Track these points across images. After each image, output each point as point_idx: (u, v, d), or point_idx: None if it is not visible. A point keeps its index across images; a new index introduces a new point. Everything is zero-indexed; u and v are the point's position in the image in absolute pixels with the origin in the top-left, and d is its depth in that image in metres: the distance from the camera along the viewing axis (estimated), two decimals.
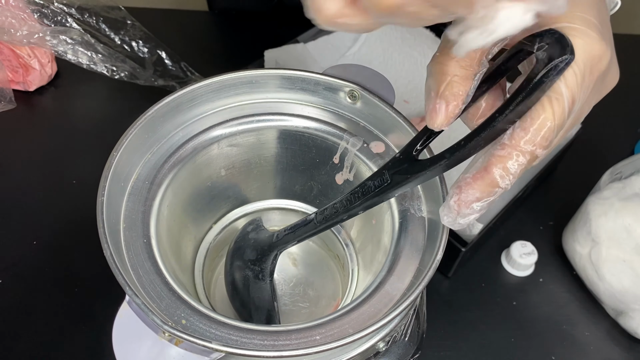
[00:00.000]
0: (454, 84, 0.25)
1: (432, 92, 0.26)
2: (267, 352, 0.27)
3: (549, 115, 0.23)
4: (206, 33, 0.78)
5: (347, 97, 0.39)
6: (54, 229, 0.54)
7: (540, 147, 0.23)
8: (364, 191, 0.31)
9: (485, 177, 0.24)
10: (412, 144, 0.30)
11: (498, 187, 0.24)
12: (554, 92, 0.23)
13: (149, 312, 0.28)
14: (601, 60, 0.24)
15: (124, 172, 0.34)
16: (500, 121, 0.23)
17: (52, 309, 0.49)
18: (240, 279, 0.40)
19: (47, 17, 0.63)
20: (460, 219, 0.26)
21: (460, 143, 0.25)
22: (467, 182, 0.24)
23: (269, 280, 0.39)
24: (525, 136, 0.23)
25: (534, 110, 0.23)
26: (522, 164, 0.24)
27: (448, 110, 0.25)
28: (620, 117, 0.70)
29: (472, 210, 0.25)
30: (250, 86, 0.39)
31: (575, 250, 0.52)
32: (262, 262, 0.39)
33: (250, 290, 0.39)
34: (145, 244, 0.33)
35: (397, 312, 0.29)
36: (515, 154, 0.23)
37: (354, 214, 0.32)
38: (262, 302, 0.39)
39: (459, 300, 0.52)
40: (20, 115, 0.63)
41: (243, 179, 0.43)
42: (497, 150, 0.24)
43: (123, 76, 0.64)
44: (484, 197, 0.24)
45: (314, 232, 0.35)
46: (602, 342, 0.50)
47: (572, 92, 0.23)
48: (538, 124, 0.23)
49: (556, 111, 0.23)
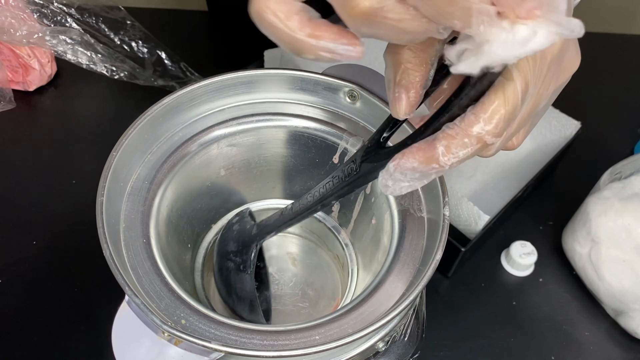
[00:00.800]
0: (410, 72, 0.24)
1: (391, 83, 0.25)
2: (266, 352, 0.27)
3: (500, 101, 0.22)
4: (206, 33, 0.78)
5: (347, 97, 0.39)
6: (54, 229, 0.54)
7: (490, 134, 0.22)
8: (335, 182, 0.32)
9: (427, 150, 0.23)
10: (380, 132, 0.30)
11: (437, 163, 0.23)
12: (505, 77, 0.22)
13: (148, 312, 0.28)
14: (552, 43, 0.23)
15: (123, 172, 0.34)
16: (456, 105, 0.23)
17: (52, 309, 0.49)
18: (224, 270, 0.40)
19: (46, 17, 0.63)
20: (391, 182, 0.25)
21: (420, 129, 0.25)
22: (411, 150, 0.24)
23: (250, 271, 0.39)
24: (475, 121, 0.22)
25: (486, 96, 0.22)
26: (467, 147, 0.23)
27: (409, 98, 0.25)
28: (620, 117, 0.70)
29: (405, 177, 0.25)
30: (250, 86, 0.39)
31: (575, 250, 0.52)
32: (243, 254, 0.39)
33: (233, 281, 0.40)
34: (145, 244, 0.33)
35: (396, 312, 0.29)
36: (461, 136, 0.23)
37: (327, 204, 0.33)
38: (244, 292, 0.39)
39: (459, 300, 0.52)
40: (20, 115, 0.63)
41: (243, 179, 0.43)
42: (448, 129, 0.23)
43: (123, 76, 0.64)
44: (420, 168, 0.24)
45: (291, 222, 0.36)
46: (602, 342, 0.50)
47: (524, 76, 0.22)
48: (490, 110, 0.22)
49: (508, 97, 0.22)
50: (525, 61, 0.22)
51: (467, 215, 0.49)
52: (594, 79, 0.74)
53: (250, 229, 0.40)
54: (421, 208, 0.36)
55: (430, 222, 0.35)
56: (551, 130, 0.59)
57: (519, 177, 0.56)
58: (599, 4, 0.40)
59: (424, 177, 0.25)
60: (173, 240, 0.38)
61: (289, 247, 0.47)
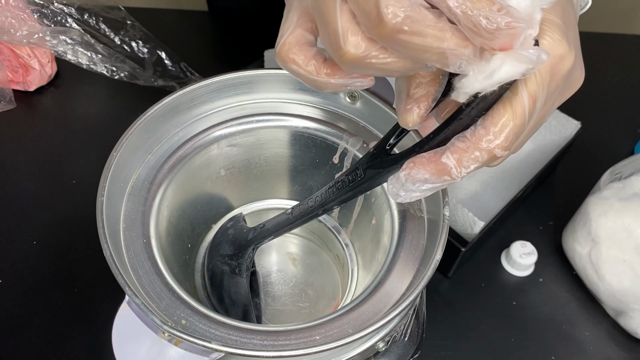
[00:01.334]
0: (423, 85, 0.25)
1: (402, 94, 0.26)
2: (266, 352, 0.27)
3: (509, 115, 0.23)
4: (206, 33, 0.78)
5: (347, 97, 0.39)
6: (54, 229, 0.54)
7: (500, 147, 0.23)
8: (339, 187, 0.32)
9: (439, 163, 0.24)
10: (386, 139, 0.30)
11: (449, 175, 0.24)
12: (513, 92, 0.23)
13: (148, 312, 0.28)
14: (563, 61, 0.24)
15: (123, 172, 0.34)
16: (465, 115, 0.23)
17: (52, 308, 0.49)
18: (218, 274, 0.40)
19: (47, 17, 0.63)
20: (403, 192, 0.26)
21: (429, 136, 0.25)
22: (422, 161, 0.25)
23: (245, 275, 0.39)
24: (486, 135, 0.23)
25: (495, 110, 0.23)
26: (478, 161, 0.24)
27: (420, 110, 0.26)
28: (620, 117, 0.70)
29: (416, 189, 0.26)
30: (250, 86, 0.39)
31: (575, 250, 0.52)
32: (239, 257, 0.39)
33: (227, 285, 0.39)
34: (145, 244, 0.33)
35: (396, 312, 0.29)
36: (472, 150, 0.23)
37: (329, 209, 0.33)
38: (238, 296, 0.39)
39: (459, 300, 0.52)
40: (20, 115, 0.63)
41: (243, 179, 0.43)
42: (459, 142, 0.24)
43: (123, 76, 0.64)
44: (432, 180, 0.25)
45: (290, 226, 0.36)
46: (602, 342, 0.50)
47: (532, 92, 0.23)
48: (499, 123, 0.23)
49: (516, 111, 0.23)
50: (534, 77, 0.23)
51: (463, 220, 0.50)
52: (594, 79, 0.74)
53: (247, 233, 0.40)
54: (421, 208, 0.36)
55: (430, 223, 0.35)
56: (551, 130, 0.59)
57: (519, 177, 0.56)
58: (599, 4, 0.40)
59: (434, 187, 0.25)
60: (173, 241, 0.38)
61: (289, 247, 0.47)
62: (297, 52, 0.25)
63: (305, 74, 0.25)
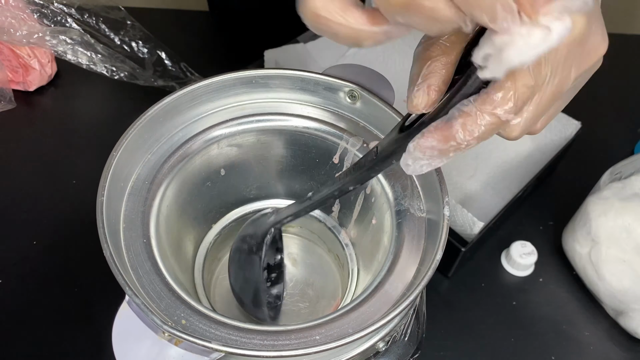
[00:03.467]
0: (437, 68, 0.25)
1: (415, 76, 0.26)
2: (266, 352, 0.27)
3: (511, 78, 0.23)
4: (206, 33, 0.78)
5: (347, 97, 0.39)
6: (54, 229, 0.54)
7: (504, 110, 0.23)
8: (354, 168, 0.32)
9: (445, 128, 0.24)
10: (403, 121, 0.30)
11: (455, 141, 0.24)
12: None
13: (148, 312, 0.28)
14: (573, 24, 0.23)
15: (123, 172, 0.34)
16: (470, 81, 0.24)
17: (52, 309, 0.49)
18: (238, 252, 0.42)
19: (46, 17, 0.63)
20: (410, 161, 0.26)
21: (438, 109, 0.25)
22: (429, 129, 0.25)
23: (261, 254, 0.40)
24: (487, 98, 0.23)
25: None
26: (483, 126, 0.24)
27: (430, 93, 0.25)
28: (620, 117, 0.70)
29: (424, 156, 0.26)
30: (250, 86, 0.39)
31: (575, 250, 0.52)
32: (258, 237, 0.41)
33: (243, 262, 0.41)
34: (145, 244, 0.33)
35: (396, 312, 0.29)
36: (475, 112, 0.24)
37: (346, 190, 0.34)
38: (251, 274, 0.40)
39: (459, 300, 0.52)
40: (20, 115, 0.63)
41: (243, 179, 0.43)
42: (463, 107, 0.24)
43: (123, 76, 0.64)
44: (439, 146, 0.25)
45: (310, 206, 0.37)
46: (602, 342, 0.50)
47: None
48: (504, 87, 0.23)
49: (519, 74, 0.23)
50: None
51: (462, 221, 0.50)
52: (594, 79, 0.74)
53: (270, 215, 0.41)
54: (421, 208, 0.36)
55: (430, 222, 0.35)
56: (551, 130, 0.59)
57: (519, 177, 0.56)
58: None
59: (442, 155, 0.25)
60: (173, 241, 0.38)
61: (289, 247, 0.47)
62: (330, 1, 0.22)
63: (344, 23, 0.22)
